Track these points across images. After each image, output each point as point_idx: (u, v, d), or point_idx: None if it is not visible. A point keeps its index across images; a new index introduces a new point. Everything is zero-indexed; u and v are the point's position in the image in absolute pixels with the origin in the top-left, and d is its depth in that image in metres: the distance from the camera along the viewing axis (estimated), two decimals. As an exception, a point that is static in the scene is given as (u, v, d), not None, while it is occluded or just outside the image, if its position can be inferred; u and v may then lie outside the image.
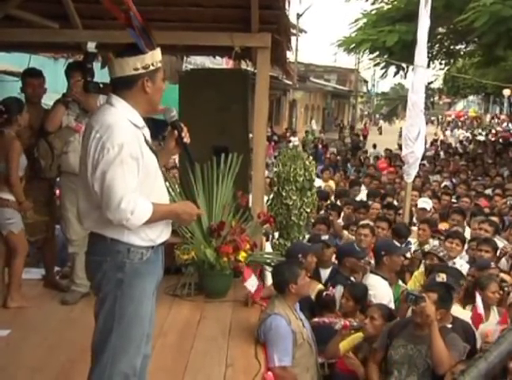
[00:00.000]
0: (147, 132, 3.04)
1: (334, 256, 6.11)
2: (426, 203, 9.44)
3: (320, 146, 27.19)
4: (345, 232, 7.81)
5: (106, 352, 2.94)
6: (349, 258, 5.77)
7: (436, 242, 7.09)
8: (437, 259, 5.84)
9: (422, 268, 6.18)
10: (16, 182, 5.10)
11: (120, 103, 2.94)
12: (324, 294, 5.19)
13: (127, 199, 2.79)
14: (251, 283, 5.22)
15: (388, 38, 17.63)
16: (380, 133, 44.13)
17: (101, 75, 5.57)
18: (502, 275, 6.03)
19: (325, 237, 5.96)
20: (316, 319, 4.86)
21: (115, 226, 2.87)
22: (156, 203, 2.93)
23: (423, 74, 8.12)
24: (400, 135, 38.67)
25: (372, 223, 7.34)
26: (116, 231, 2.90)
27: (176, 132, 3.22)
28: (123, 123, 2.86)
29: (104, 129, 2.83)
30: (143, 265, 2.97)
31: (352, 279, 5.76)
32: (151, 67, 2.92)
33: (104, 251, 2.95)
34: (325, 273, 5.89)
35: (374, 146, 26.12)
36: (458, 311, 4.90)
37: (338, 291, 5.41)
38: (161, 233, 3.07)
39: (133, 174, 2.84)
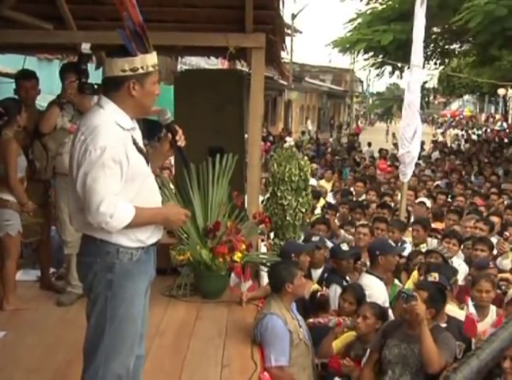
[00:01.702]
0: (137, 134, 3.03)
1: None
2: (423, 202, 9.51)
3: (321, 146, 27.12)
4: (342, 231, 7.81)
5: (99, 353, 2.95)
6: (336, 259, 5.78)
7: (434, 241, 7.10)
8: (441, 258, 5.80)
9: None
10: (15, 184, 5.09)
11: (109, 105, 2.94)
12: (318, 294, 5.18)
13: (106, 203, 2.78)
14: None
15: (383, 37, 17.65)
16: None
17: (96, 76, 5.57)
18: (503, 274, 6.03)
19: (315, 239, 5.95)
20: (311, 320, 4.87)
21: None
22: (140, 207, 2.91)
23: (419, 73, 8.13)
24: (387, 133, 38.88)
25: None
26: (104, 232, 2.89)
27: (170, 135, 3.19)
28: (108, 126, 2.86)
29: (89, 131, 2.84)
30: (133, 265, 2.97)
31: (347, 278, 5.76)
32: (140, 71, 2.89)
33: (94, 252, 2.95)
34: (316, 273, 5.88)
35: (369, 145, 26.15)
36: (453, 310, 4.90)
37: (333, 290, 5.42)
38: (151, 234, 3.06)
39: (115, 177, 2.82)
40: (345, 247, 5.83)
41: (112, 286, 2.93)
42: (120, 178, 2.84)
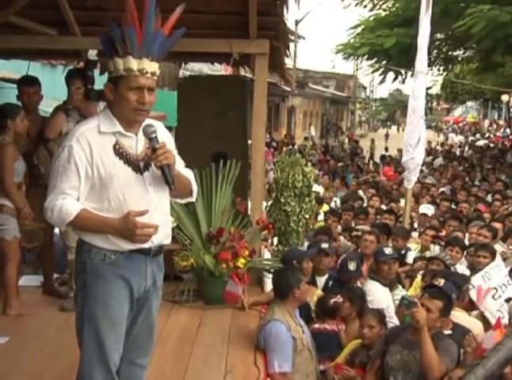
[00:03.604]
0: (125, 139, 2.93)
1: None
2: (427, 209, 9.46)
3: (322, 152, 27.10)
4: (342, 238, 7.79)
5: (84, 355, 2.99)
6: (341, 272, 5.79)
7: (437, 248, 7.09)
8: (443, 265, 5.78)
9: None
10: (10, 189, 5.05)
11: (104, 110, 3.00)
12: (332, 301, 5.12)
13: (49, 198, 2.89)
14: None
15: (386, 41, 17.69)
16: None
17: (101, 82, 5.59)
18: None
19: (325, 246, 5.91)
20: (317, 325, 4.85)
21: None
22: (89, 212, 2.86)
23: (424, 80, 8.13)
24: (386, 139, 39.01)
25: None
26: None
27: (149, 152, 2.93)
28: (80, 128, 2.94)
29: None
30: (105, 267, 2.93)
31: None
32: (113, 74, 2.91)
33: (77, 251, 3.05)
34: (321, 280, 5.84)
35: (386, 149, 26.33)
36: (461, 317, 4.88)
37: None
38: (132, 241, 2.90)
39: (67, 177, 2.85)
40: (352, 267, 5.69)
41: (85, 286, 2.95)
42: (77, 177, 2.85)
